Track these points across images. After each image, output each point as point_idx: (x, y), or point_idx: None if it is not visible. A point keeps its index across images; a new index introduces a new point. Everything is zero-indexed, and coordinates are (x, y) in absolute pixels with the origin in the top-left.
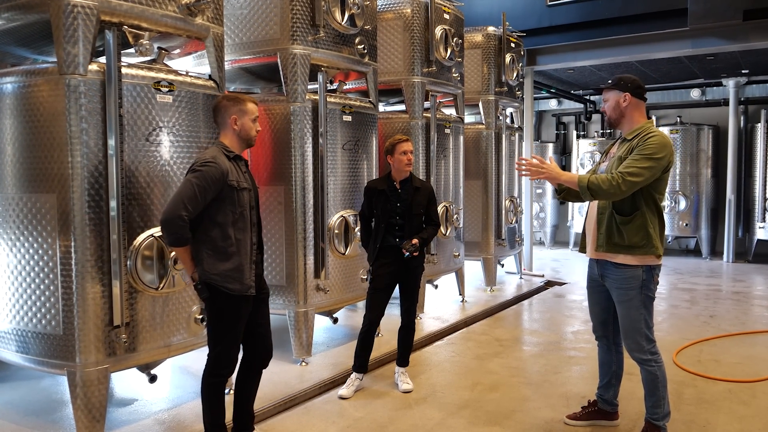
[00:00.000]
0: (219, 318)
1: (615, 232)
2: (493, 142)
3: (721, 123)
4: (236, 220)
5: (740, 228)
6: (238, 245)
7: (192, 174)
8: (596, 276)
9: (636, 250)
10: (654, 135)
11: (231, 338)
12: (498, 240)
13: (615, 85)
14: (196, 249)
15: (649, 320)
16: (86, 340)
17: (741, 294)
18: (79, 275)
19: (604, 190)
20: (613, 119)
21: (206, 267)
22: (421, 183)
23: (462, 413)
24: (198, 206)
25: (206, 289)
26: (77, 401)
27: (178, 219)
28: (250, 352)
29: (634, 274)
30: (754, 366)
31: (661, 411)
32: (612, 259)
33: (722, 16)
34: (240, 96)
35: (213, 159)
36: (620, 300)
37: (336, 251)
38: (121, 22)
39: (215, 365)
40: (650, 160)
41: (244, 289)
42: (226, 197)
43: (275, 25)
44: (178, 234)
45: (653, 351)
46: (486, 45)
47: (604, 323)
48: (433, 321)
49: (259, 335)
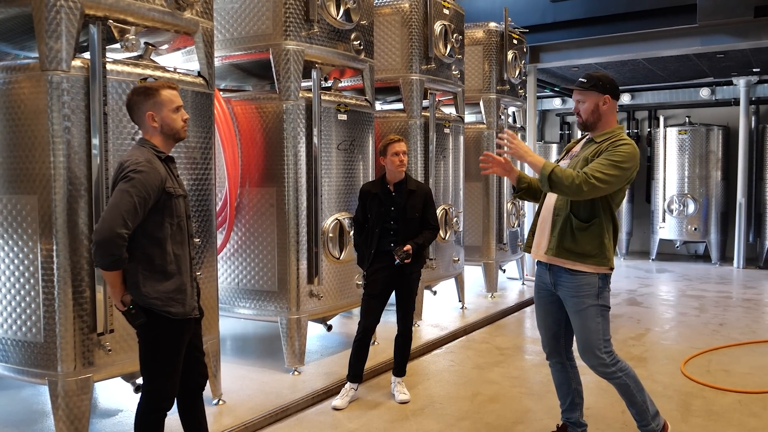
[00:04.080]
0: (158, 347)
1: (568, 237)
2: (494, 143)
3: (732, 123)
4: (174, 233)
5: (751, 233)
6: (178, 262)
7: (127, 183)
8: (547, 284)
9: (588, 259)
10: (625, 143)
11: (172, 369)
12: (499, 244)
13: (593, 86)
14: (129, 270)
15: (606, 330)
16: (68, 348)
17: (752, 301)
18: (61, 280)
19: (565, 185)
20: (590, 123)
21: (144, 290)
22: (417, 185)
23: (461, 425)
24: (137, 221)
25: (142, 314)
26: (59, 412)
27: (118, 238)
28: (186, 378)
29: (589, 281)
30: (765, 376)
31: (648, 414)
32: (564, 265)
33: (733, 13)
34: (151, 86)
35: (148, 162)
36: (576, 309)
37: (330, 256)
38: (106, 16)
39: (154, 399)
40: (618, 168)
41: (188, 312)
42: (163, 207)
43: (267, 20)
44: (116, 255)
45: (614, 361)
46: (487, 41)
47: (555, 337)
48: (431, 328)
49: (196, 359)
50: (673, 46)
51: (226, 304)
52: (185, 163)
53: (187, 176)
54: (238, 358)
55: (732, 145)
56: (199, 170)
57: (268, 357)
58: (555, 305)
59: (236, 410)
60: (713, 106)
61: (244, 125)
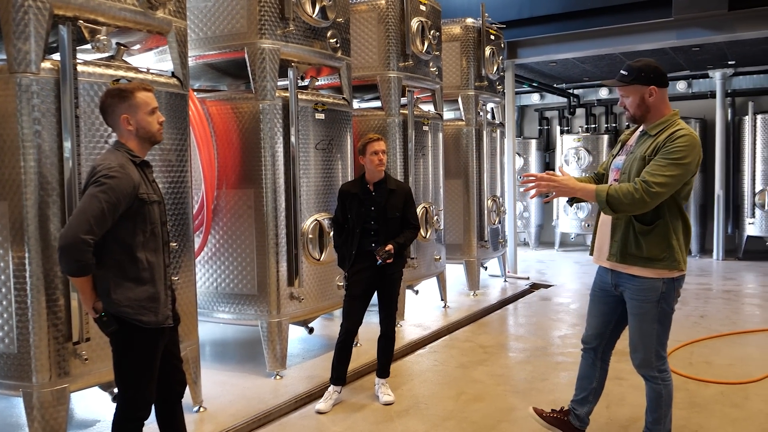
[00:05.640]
0: (132, 355)
1: (632, 242)
2: (473, 139)
3: (708, 116)
4: (147, 239)
5: (729, 224)
6: (151, 270)
7: (97, 187)
8: (608, 285)
9: (655, 263)
10: (682, 135)
11: (147, 377)
12: (481, 242)
13: (635, 80)
14: (100, 277)
15: (662, 336)
16: (43, 358)
17: (731, 293)
18: (34, 288)
19: (626, 203)
20: (638, 116)
21: (114, 297)
22: (396, 184)
23: (446, 425)
24: (105, 227)
25: (114, 322)
26: (34, 424)
27: (82, 243)
28: (164, 386)
29: (652, 285)
30: (746, 367)
31: (662, 428)
32: (626, 271)
33: (707, 6)
34: (125, 88)
35: (121, 168)
36: (633, 312)
37: (310, 257)
38: (76, 16)
39: (130, 409)
40: (679, 167)
41: (161, 321)
42: (135, 213)
43: (242, 18)
44: (82, 261)
45: (662, 368)
46: (465, 38)
47: (599, 336)
48: (414, 328)
49: (173, 367)
50: (650, 40)
51: (204, 309)
52: (160, 166)
53: (163, 179)
54: (218, 363)
55: (709, 137)
56: (174, 173)
57: (248, 362)
58: (609, 306)
59: (218, 417)
60: (690, 99)
61: (219, 126)
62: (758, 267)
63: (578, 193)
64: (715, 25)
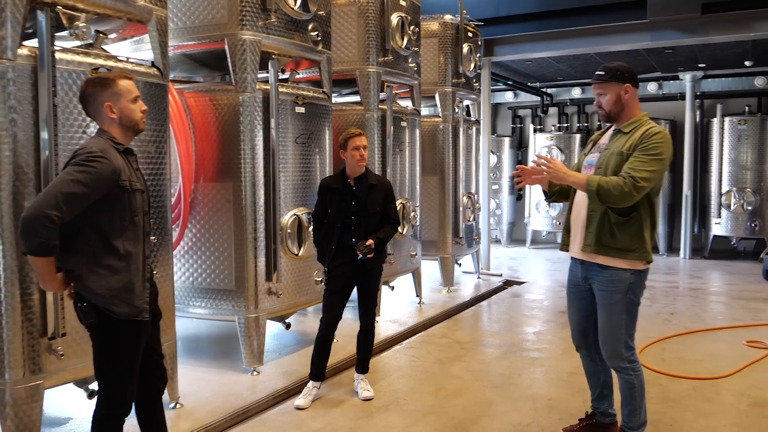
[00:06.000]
0: (113, 350)
1: (607, 233)
2: (450, 136)
3: (678, 117)
4: (126, 228)
5: (696, 224)
6: (128, 259)
7: (76, 168)
8: (579, 279)
9: (627, 254)
10: (657, 131)
11: (129, 373)
12: (455, 238)
13: (613, 77)
14: (72, 263)
15: (630, 327)
16: (16, 353)
17: (699, 290)
18: (8, 282)
19: (614, 195)
20: (614, 113)
21: (87, 284)
22: (377, 179)
23: (427, 420)
24: (75, 209)
25: (93, 314)
26: (7, 422)
27: (45, 219)
28: (144, 382)
29: (621, 276)
30: (717, 363)
31: (637, 420)
32: (599, 261)
33: (681, 9)
34: (107, 76)
35: (102, 153)
36: (602, 303)
37: (289, 252)
38: (54, 2)
39: (110, 405)
40: (658, 162)
41: (134, 313)
42: (115, 200)
43: (223, 9)
44: (42, 238)
45: (632, 359)
46: (443, 34)
47: (584, 333)
48: (390, 324)
49: (154, 362)
50: (624, 41)
51: (180, 304)
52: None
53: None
54: (193, 359)
55: (678, 138)
56: (153, 164)
57: (224, 357)
58: (585, 301)
59: (195, 413)
60: (660, 100)
61: (197, 118)
62: (724, 266)
63: (569, 178)
64: (688, 28)
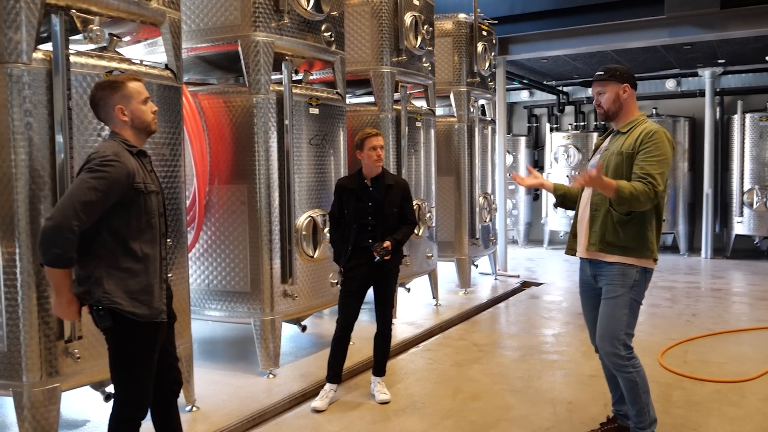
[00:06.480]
0: (129, 353)
1: (610, 231)
2: (465, 136)
3: (697, 115)
4: (142, 230)
5: (718, 223)
6: (146, 261)
7: (90, 174)
8: (588, 278)
9: (630, 251)
10: (656, 129)
11: (145, 376)
12: (472, 239)
13: (612, 77)
14: (91, 267)
15: (631, 324)
16: (34, 356)
17: (721, 291)
18: (25, 285)
19: (641, 201)
20: (612, 112)
21: (107, 287)
22: (394, 179)
23: (444, 424)
24: (94, 216)
25: (109, 317)
26: (24, 424)
27: (67, 230)
28: (160, 385)
29: (627, 271)
30: (741, 365)
31: (647, 419)
32: (604, 259)
33: (699, 4)
34: (116, 79)
35: (116, 156)
36: (607, 296)
37: (304, 254)
38: (68, 5)
39: (127, 408)
40: (665, 162)
41: (154, 315)
42: (131, 203)
43: (236, 11)
44: (62, 250)
45: (630, 356)
46: (457, 33)
47: None
48: (406, 326)
49: (169, 365)
50: (642, 38)
51: (195, 306)
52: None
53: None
54: (209, 362)
55: (698, 136)
56: (167, 167)
57: (240, 360)
58: (597, 299)
59: (211, 416)
60: (679, 97)
61: (211, 120)
62: (746, 266)
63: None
64: (707, 24)
